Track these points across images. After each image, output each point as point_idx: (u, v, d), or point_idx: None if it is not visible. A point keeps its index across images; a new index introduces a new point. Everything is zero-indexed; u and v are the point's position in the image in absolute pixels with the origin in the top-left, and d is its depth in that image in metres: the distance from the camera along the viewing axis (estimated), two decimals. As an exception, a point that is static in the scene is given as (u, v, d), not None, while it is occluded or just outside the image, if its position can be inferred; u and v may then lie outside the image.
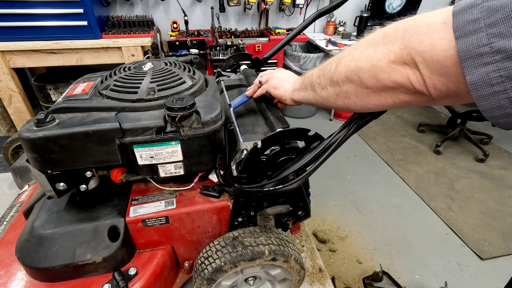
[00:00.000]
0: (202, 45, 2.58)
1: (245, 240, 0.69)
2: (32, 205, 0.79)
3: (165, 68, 0.77)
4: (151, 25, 2.52)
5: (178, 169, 0.71)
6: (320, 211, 2.00)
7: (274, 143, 0.65)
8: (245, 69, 1.07)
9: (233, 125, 0.75)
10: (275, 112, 0.76)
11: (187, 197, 0.76)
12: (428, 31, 0.36)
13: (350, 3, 3.38)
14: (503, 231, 1.88)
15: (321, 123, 3.35)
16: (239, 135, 0.71)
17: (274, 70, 0.83)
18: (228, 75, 1.09)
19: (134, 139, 0.63)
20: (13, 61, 2.16)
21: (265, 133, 0.74)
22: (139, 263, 0.73)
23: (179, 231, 0.75)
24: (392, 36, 0.41)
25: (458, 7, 0.34)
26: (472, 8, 0.32)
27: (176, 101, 0.62)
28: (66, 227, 0.69)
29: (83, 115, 0.64)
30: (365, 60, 0.45)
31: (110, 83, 0.71)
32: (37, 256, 0.66)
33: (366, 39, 0.47)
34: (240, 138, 0.70)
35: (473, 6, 0.32)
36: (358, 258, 1.70)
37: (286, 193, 0.75)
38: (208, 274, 0.66)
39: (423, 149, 2.74)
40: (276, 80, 0.76)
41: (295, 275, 0.77)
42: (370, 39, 0.46)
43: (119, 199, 0.76)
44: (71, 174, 0.66)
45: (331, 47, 2.90)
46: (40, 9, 2.05)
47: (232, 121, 0.76)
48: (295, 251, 0.74)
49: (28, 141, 0.58)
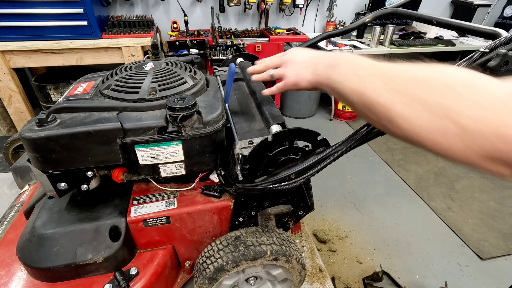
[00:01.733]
0: (202, 45, 2.58)
1: (247, 239, 0.70)
2: (33, 205, 0.79)
3: (166, 68, 0.77)
4: (151, 25, 2.52)
5: (179, 169, 0.71)
6: (320, 211, 2.00)
7: (285, 140, 0.65)
8: (241, 62, 1.07)
9: (229, 123, 0.75)
10: (270, 107, 0.76)
11: (188, 197, 0.76)
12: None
13: (350, 3, 3.38)
14: (503, 231, 1.88)
15: (321, 123, 3.36)
16: (235, 134, 0.72)
17: (284, 55, 0.68)
18: (224, 70, 1.09)
19: (135, 139, 0.63)
20: (13, 61, 2.16)
21: (260, 130, 0.74)
22: (140, 263, 0.73)
23: (180, 231, 0.75)
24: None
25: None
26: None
27: (178, 101, 0.62)
28: (67, 227, 0.69)
29: (85, 115, 0.64)
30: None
31: (112, 83, 0.71)
32: (38, 256, 0.66)
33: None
34: (236, 137, 0.71)
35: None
36: (358, 258, 1.70)
37: (287, 192, 0.75)
38: (210, 273, 0.66)
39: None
40: (293, 73, 0.63)
41: (296, 275, 0.77)
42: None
43: (120, 199, 0.76)
44: (73, 174, 0.66)
45: (331, 47, 2.91)
46: (40, 9, 2.05)
47: (228, 118, 0.76)
48: (297, 251, 0.74)
49: (30, 141, 0.58)
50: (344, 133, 3.21)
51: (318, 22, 3.45)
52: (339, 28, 3.27)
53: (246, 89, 0.98)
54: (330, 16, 3.31)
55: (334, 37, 1.16)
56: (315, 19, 3.42)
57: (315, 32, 3.49)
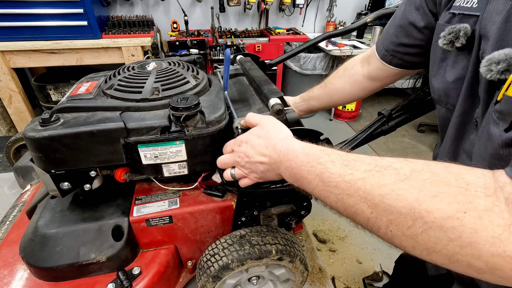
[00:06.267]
0: (202, 45, 2.59)
1: (252, 238, 0.70)
2: (35, 204, 0.79)
3: (169, 68, 0.77)
4: (151, 25, 2.52)
5: (182, 168, 0.71)
6: (320, 211, 2.00)
7: None
8: (241, 58, 1.08)
9: (229, 109, 0.76)
10: (269, 86, 0.78)
11: (190, 197, 0.76)
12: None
13: (350, 3, 3.38)
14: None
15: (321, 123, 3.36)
16: (234, 115, 0.72)
17: (237, 152, 0.61)
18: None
19: (138, 139, 0.63)
20: (13, 61, 2.16)
21: (259, 109, 0.75)
22: (142, 263, 0.73)
23: (183, 230, 0.76)
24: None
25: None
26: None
27: (181, 101, 0.62)
28: (70, 227, 0.69)
29: (88, 114, 0.64)
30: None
31: (114, 83, 0.71)
32: (41, 255, 0.66)
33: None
34: (235, 115, 0.71)
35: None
36: (358, 258, 1.71)
37: (290, 192, 0.75)
38: (215, 272, 0.67)
39: (423, 149, 2.75)
40: (257, 175, 0.59)
41: (298, 275, 0.77)
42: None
43: (123, 198, 0.76)
44: (76, 174, 0.66)
45: (331, 47, 2.91)
46: (40, 9, 2.05)
47: (228, 105, 0.76)
48: (301, 252, 0.74)
49: (33, 140, 0.58)
50: (344, 133, 3.22)
51: (318, 22, 3.45)
52: (339, 28, 3.28)
53: (246, 82, 0.99)
54: (330, 16, 3.31)
55: (334, 37, 1.16)
56: (315, 19, 3.42)
57: (315, 32, 3.50)
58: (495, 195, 0.35)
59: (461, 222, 0.34)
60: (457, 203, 0.35)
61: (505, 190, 0.35)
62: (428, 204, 0.36)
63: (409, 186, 0.38)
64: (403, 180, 0.39)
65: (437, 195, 0.36)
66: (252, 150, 0.57)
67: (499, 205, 0.34)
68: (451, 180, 0.37)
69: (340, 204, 0.45)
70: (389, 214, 0.39)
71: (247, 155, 0.58)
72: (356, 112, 3.59)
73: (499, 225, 0.33)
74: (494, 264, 0.33)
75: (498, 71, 0.40)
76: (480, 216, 0.34)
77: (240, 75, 1.04)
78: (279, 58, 1.20)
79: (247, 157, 0.58)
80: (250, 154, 0.58)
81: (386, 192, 0.40)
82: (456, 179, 0.37)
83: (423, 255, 0.38)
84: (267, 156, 0.56)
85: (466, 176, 0.37)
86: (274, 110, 0.68)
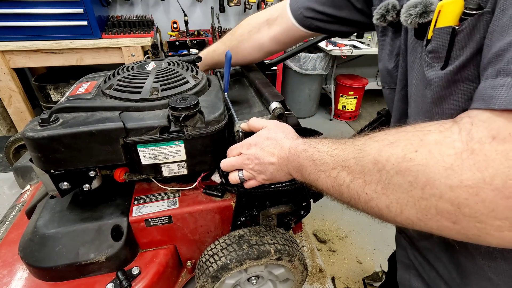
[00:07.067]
0: (202, 45, 2.59)
1: (251, 238, 0.70)
2: (34, 204, 0.79)
3: (168, 68, 0.77)
4: (151, 25, 2.52)
5: (181, 168, 0.71)
6: (320, 211, 2.00)
7: None
8: None
9: (229, 110, 0.76)
10: (270, 89, 0.77)
11: (190, 197, 0.76)
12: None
13: (350, 4, 3.38)
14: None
15: (321, 122, 3.37)
16: (235, 117, 0.72)
17: (245, 154, 0.62)
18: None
19: (138, 139, 0.63)
20: (13, 61, 2.16)
21: (260, 112, 0.75)
22: (142, 263, 0.73)
23: (182, 230, 0.76)
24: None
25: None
26: None
27: (180, 101, 0.62)
28: (69, 227, 0.69)
29: (87, 114, 0.65)
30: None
31: (114, 83, 0.71)
32: (40, 255, 0.66)
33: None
34: (236, 118, 0.71)
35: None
36: (358, 258, 1.71)
37: (289, 192, 0.75)
38: (213, 272, 0.67)
39: (422, 149, 2.75)
40: (266, 176, 0.61)
41: (298, 275, 0.77)
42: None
43: (122, 198, 0.76)
44: (75, 174, 0.66)
45: (331, 47, 2.91)
46: (40, 9, 2.05)
47: (228, 107, 0.76)
48: (300, 252, 0.74)
49: (32, 140, 0.58)
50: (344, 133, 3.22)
51: (318, 22, 3.44)
52: (339, 28, 3.28)
53: (246, 83, 0.99)
54: (330, 16, 3.31)
55: (334, 37, 1.16)
56: (315, 19, 3.42)
57: (315, 32, 3.50)
58: (450, 129, 0.34)
59: (413, 162, 0.34)
60: (410, 144, 0.35)
61: (461, 122, 0.33)
62: (385, 152, 0.37)
63: (374, 142, 0.41)
64: (372, 138, 0.42)
65: (394, 142, 0.37)
66: (262, 152, 0.59)
67: (452, 136, 0.33)
68: (409, 128, 0.38)
69: (329, 181, 0.46)
70: (362, 173, 0.40)
71: (257, 157, 0.59)
72: (356, 112, 3.59)
73: (450, 155, 0.32)
74: (457, 200, 0.31)
75: (416, 14, 0.42)
76: (430, 150, 0.33)
77: (240, 75, 1.04)
78: (278, 58, 1.20)
79: (257, 159, 0.59)
80: (260, 156, 0.59)
81: (358, 153, 0.42)
82: (415, 127, 0.37)
83: (398, 214, 0.37)
84: (276, 156, 0.57)
85: (426, 124, 0.37)
86: (275, 113, 0.69)
